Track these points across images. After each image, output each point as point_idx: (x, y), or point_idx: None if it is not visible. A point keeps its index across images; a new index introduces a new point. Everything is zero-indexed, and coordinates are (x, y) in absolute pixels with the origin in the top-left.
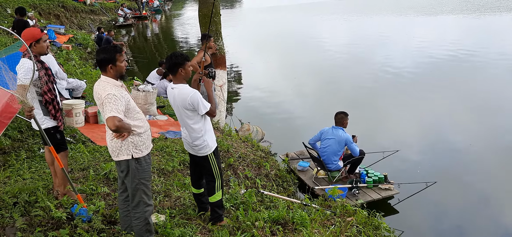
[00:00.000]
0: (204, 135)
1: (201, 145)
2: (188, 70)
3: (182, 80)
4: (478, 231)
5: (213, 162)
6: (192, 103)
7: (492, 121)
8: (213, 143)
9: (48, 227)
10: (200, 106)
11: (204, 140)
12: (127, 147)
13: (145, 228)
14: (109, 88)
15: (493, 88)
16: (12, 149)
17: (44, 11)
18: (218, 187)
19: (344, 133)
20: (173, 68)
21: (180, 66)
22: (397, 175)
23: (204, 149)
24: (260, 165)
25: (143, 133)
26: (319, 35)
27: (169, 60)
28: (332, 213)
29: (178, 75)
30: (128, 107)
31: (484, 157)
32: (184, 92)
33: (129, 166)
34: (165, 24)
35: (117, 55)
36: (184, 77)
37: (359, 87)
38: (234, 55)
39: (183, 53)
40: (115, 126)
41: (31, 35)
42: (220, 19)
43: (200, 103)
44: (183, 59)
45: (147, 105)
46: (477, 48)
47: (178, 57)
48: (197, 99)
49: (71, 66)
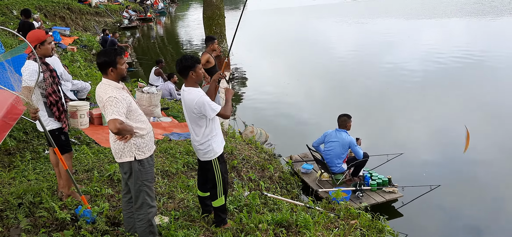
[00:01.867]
0: (210, 140)
1: (205, 149)
2: (199, 73)
3: (193, 83)
4: (483, 234)
5: (217, 168)
6: (199, 107)
7: (500, 125)
8: (219, 148)
9: (53, 228)
10: (207, 109)
11: (209, 144)
12: (130, 149)
13: (148, 229)
14: (110, 91)
15: (502, 92)
16: (17, 150)
17: (49, 13)
18: (220, 193)
19: (348, 136)
20: (183, 71)
21: (190, 69)
22: (404, 177)
23: (209, 153)
24: (264, 168)
25: (145, 135)
26: (324, 37)
27: (180, 63)
28: (335, 216)
29: (189, 79)
30: (130, 109)
31: (491, 160)
32: (191, 97)
33: (132, 168)
34: (169, 26)
35: (118, 58)
36: (196, 80)
37: (364, 89)
38: (238, 57)
39: (193, 55)
40: (117, 128)
41: (36, 37)
42: (224, 21)
43: (206, 106)
44: (193, 62)
45: (152, 107)
46: (485, 51)
47: (188, 60)
48: (203, 102)
49: (76, 67)
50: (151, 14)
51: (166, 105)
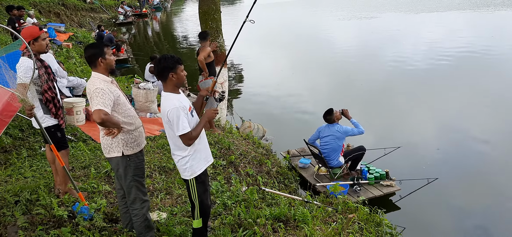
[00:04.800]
0: (188, 156)
1: (183, 166)
2: (181, 75)
3: (172, 88)
4: (480, 227)
5: (193, 189)
6: (169, 120)
7: (500, 118)
8: (199, 168)
9: (50, 225)
10: (175, 125)
11: (186, 161)
12: (117, 144)
13: (144, 224)
14: (98, 83)
15: (506, 85)
16: (13, 147)
17: (44, 9)
18: (197, 215)
19: (340, 127)
20: (162, 73)
21: (170, 71)
22: (404, 171)
23: (186, 172)
24: (262, 163)
25: (133, 130)
26: (323, 31)
27: (158, 64)
28: (333, 210)
29: (169, 81)
30: (118, 102)
31: (492, 153)
32: (167, 103)
33: (120, 163)
34: (165, 21)
35: (105, 49)
36: (176, 84)
37: (362, 83)
38: (235, 52)
39: (174, 55)
40: (101, 118)
41: (30, 33)
42: (220, 16)
43: (176, 122)
44: (174, 63)
45: (148, 103)
46: (489, 44)
47: (168, 60)
48: (175, 116)
49: (71, 64)
50: (146, 10)
51: None
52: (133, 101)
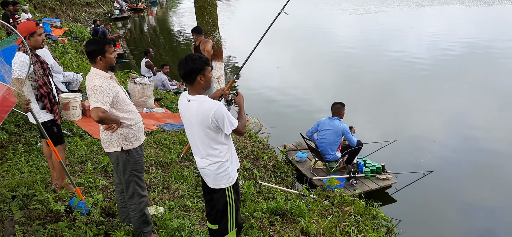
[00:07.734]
0: (227, 161)
1: (220, 173)
2: (209, 77)
3: (200, 90)
4: (476, 219)
5: (230, 197)
6: (217, 120)
7: (503, 113)
8: (235, 173)
9: (47, 220)
10: (225, 123)
11: (226, 167)
12: (117, 139)
13: (141, 219)
14: (96, 80)
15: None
16: (10, 143)
17: (39, 4)
18: (231, 226)
19: (341, 124)
20: (189, 75)
21: (199, 73)
22: (401, 164)
23: (223, 179)
24: (258, 157)
25: (133, 125)
26: (319, 25)
27: (185, 66)
28: (330, 203)
29: (196, 84)
30: (117, 98)
31: (492, 148)
32: (206, 107)
33: (119, 158)
34: (161, 16)
35: (106, 47)
36: (204, 87)
37: (360, 77)
38: (231, 46)
39: (201, 56)
40: (99, 117)
41: (26, 28)
42: (216, 10)
43: (226, 119)
44: (202, 63)
45: (144, 98)
46: (491, 38)
47: (196, 61)
48: (223, 114)
49: (67, 59)
50: (142, 4)
51: (159, 95)
52: (129, 96)
